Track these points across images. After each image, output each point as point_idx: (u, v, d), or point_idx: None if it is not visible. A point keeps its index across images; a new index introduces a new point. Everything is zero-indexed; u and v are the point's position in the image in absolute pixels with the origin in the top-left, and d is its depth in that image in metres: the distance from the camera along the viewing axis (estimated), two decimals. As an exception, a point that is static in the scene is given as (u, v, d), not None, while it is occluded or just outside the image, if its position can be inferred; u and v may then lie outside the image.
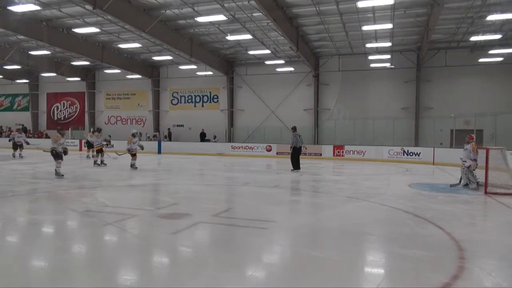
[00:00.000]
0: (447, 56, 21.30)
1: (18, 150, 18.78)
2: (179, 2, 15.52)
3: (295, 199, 8.92)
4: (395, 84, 22.84)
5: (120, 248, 4.84)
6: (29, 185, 9.88)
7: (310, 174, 13.21)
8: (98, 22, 17.87)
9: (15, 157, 18.22)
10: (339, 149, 20.71)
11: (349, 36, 19.40)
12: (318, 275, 3.86)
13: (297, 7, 16.18)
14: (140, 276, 3.86)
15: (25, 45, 22.60)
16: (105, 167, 14.04)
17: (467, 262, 4.20)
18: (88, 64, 27.33)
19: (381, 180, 12.16)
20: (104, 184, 10.47)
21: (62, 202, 7.75)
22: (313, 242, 5.21)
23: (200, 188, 10.21)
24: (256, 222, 6.00)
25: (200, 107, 27.61)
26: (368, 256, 4.68)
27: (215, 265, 4.17)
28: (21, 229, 5.71)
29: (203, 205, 7.43)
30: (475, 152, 9.57)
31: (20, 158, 17.92)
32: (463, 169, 9.87)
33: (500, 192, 8.84)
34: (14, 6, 14.49)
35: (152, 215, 6.37)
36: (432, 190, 9.46)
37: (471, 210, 7.46)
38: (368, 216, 6.72)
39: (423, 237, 5.25)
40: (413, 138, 22.17)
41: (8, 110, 33.06)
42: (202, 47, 22.11)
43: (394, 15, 15.79)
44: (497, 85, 20.84)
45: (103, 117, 30.33)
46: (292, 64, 23.97)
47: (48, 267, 4.10)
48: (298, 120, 23.44)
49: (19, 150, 18.79)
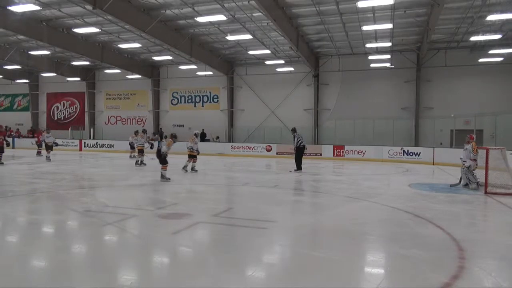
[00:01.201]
0: (447, 56, 21.30)
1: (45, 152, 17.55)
2: (179, 2, 15.52)
3: (295, 199, 8.91)
4: (395, 84, 22.84)
5: (120, 248, 4.84)
6: (29, 185, 9.88)
7: (310, 174, 13.21)
8: (98, 22, 17.86)
9: (49, 159, 16.88)
10: (339, 149, 20.71)
11: (349, 36, 19.41)
12: (318, 275, 3.86)
13: (297, 7, 16.18)
14: (140, 276, 3.86)
15: (25, 45, 22.59)
16: (104, 168, 14.02)
17: (467, 262, 4.20)
18: (88, 64, 27.33)
19: (381, 180, 12.16)
20: (104, 184, 10.47)
21: (62, 202, 7.74)
22: (313, 242, 5.21)
23: (200, 188, 10.21)
24: (256, 222, 6.00)
25: (200, 107, 27.61)
26: (368, 256, 4.68)
27: (215, 265, 4.18)
28: (21, 229, 5.71)
29: (203, 205, 7.43)
30: (475, 152, 9.57)
31: (48, 161, 16.57)
32: (463, 169, 9.88)
33: (500, 192, 8.84)
34: (14, 6, 14.49)
35: (152, 215, 6.37)
36: (432, 190, 9.46)
37: (471, 210, 7.46)
38: (368, 216, 6.72)
39: (423, 237, 5.25)
40: (413, 138, 22.18)
41: (8, 110, 33.06)
42: (202, 47, 22.11)
43: (394, 15, 15.79)
44: (497, 85, 20.83)
45: (103, 117, 30.33)
46: (292, 64, 23.97)
47: (48, 267, 4.10)
48: (298, 120, 23.49)
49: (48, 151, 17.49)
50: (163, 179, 10.56)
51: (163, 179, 10.57)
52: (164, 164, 10.78)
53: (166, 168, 10.77)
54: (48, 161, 16.55)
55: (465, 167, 9.72)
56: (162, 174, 10.68)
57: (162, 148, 10.87)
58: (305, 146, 14.10)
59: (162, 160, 10.78)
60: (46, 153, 17.37)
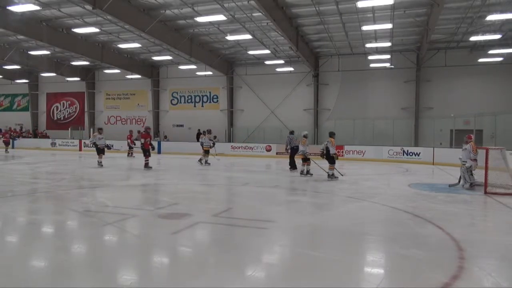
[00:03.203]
0: (446, 56, 21.30)
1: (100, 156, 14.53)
2: (179, 2, 15.51)
3: (295, 199, 8.91)
4: (395, 84, 22.84)
5: (120, 248, 4.84)
6: (29, 185, 9.88)
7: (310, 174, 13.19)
8: (98, 22, 17.85)
9: (101, 165, 14.17)
10: (339, 149, 20.59)
11: (348, 36, 19.40)
12: (318, 275, 3.86)
13: (297, 7, 16.18)
14: (140, 276, 3.86)
15: (25, 45, 22.58)
16: (104, 168, 14.00)
17: (466, 262, 4.20)
18: (88, 64, 27.32)
19: (381, 180, 12.16)
20: (104, 184, 10.46)
21: (62, 202, 7.74)
22: (313, 242, 5.21)
23: (200, 188, 10.21)
24: (256, 222, 6.00)
25: (200, 107, 27.61)
26: (368, 256, 4.68)
27: (215, 265, 4.18)
28: (21, 229, 5.71)
29: (203, 205, 7.43)
30: (475, 152, 9.58)
31: (99, 167, 13.98)
32: (462, 169, 9.89)
33: (500, 192, 8.85)
34: (14, 6, 14.47)
35: (152, 215, 6.37)
36: (432, 190, 9.46)
37: (471, 210, 7.47)
38: (368, 216, 6.72)
39: (423, 237, 5.25)
40: (412, 138, 22.17)
41: (8, 110, 33.05)
42: (202, 47, 22.11)
43: (394, 15, 15.78)
44: (496, 85, 20.83)
45: (103, 117, 30.32)
46: (292, 64, 23.97)
47: (48, 267, 4.10)
48: (297, 120, 23.49)
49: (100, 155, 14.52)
50: (330, 177, 11.39)
51: (331, 177, 11.40)
52: (332, 164, 11.54)
53: (333, 168, 11.50)
54: (100, 167, 13.97)
55: (466, 167, 9.72)
56: (330, 173, 11.48)
57: (331, 149, 11.58)
58: (293, 147, 14.18)
59: (331, 160, 11.48)
60: (98, 157, 14.38)
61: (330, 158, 11.48)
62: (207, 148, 15.77)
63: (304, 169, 12.52)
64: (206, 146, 15.77)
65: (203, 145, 15.92)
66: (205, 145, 15.83)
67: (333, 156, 11.45)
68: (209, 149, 15.82)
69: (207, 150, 15.75)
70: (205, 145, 15.82)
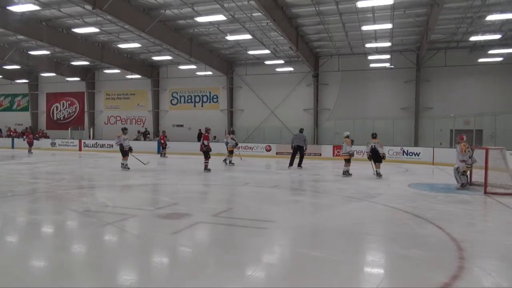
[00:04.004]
0: (446, 56, 21.30)
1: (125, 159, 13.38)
2: (179, 2, 15.51)
3: (295, 199, 8.90)
4: (394, 84, 22.84)
5: (120, 248, 4.84)
6: (29, 185, 9.88)
7: (310, 174, 13.21)
8: (98, 22, 17.85)
9: (127, 168, 13.18)
10: (339, 149, 20.65)
11: (348, 36, 19.41)
12: (318, 275, 3.86)
13: (297, 7, 16.18)
14: (140, 276, 3.86)
15: (25, 45, 22.58)
16: (104, 167, 14.00)
17: (466, 262, 4.20)
18: (88, 64, 27.31)
19: (381, 180, 12.15)
20: (104, 184, 10.46)
21: (62, 202, 7.74)
22: (313, 242, 5.21)
23: (200, 188, 10.21)
24: (256, 222, 6.00)
25: (200, 107, 27.61)
26: (368, 256, 4.68)
27: (215, 265, 4.18)
28: (21, 229, 5.70)
29: (203, 205, 7.43)
30: (464, 153, 9.52)
31: (126, 170, 13.06)
32: (453, 169, 9.93)
33: (500, 192, 8.84)
34: (13, 6, 14.47)
35: (152, 215, 6.36)
36: (432, 190, 9.46)
37: (471, 210, 7.46)
38: (368, 216, 6.72)
39: (423, 237, 5.25)
40: (412, 138, 22.17)
41: (8, 110, 33.05)
42: (202, 47, 22.11)
43: (394, 15, 15.79)
44: (496, 85, 20.83)
45: (103, 117, 30.32)
46: (292, 64, 23.97)
47: (48, 267, 4.10)
48: (297, 120, 23.47)
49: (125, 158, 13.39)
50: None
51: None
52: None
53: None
54: (126, 169, 13.06)
55: (454, 168, 9.77)
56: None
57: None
58: (295, 146, 14.56)
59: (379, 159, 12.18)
60: (123, 159, 13.37)
61: (379, 158, 12.11)
62: (231, 148, 15.94)
63: (347, 169, 12.55)
64: (230, 146, 15.93)
65: (227, 145, 16.04)
66: (229, 145, 15.97)
67: (382, 155, 12.18)
68: (233, 149, 15.99)
69: (231, 150, 15.93)
70: (229, 146, 15.96)
